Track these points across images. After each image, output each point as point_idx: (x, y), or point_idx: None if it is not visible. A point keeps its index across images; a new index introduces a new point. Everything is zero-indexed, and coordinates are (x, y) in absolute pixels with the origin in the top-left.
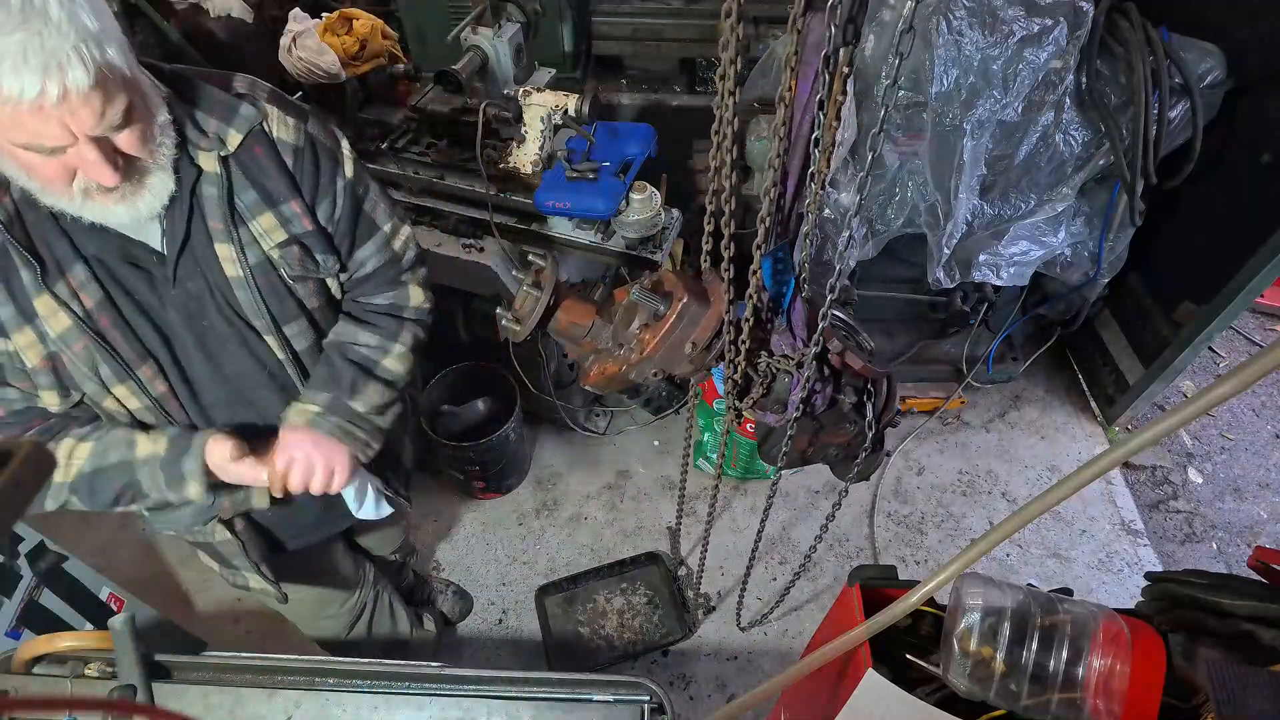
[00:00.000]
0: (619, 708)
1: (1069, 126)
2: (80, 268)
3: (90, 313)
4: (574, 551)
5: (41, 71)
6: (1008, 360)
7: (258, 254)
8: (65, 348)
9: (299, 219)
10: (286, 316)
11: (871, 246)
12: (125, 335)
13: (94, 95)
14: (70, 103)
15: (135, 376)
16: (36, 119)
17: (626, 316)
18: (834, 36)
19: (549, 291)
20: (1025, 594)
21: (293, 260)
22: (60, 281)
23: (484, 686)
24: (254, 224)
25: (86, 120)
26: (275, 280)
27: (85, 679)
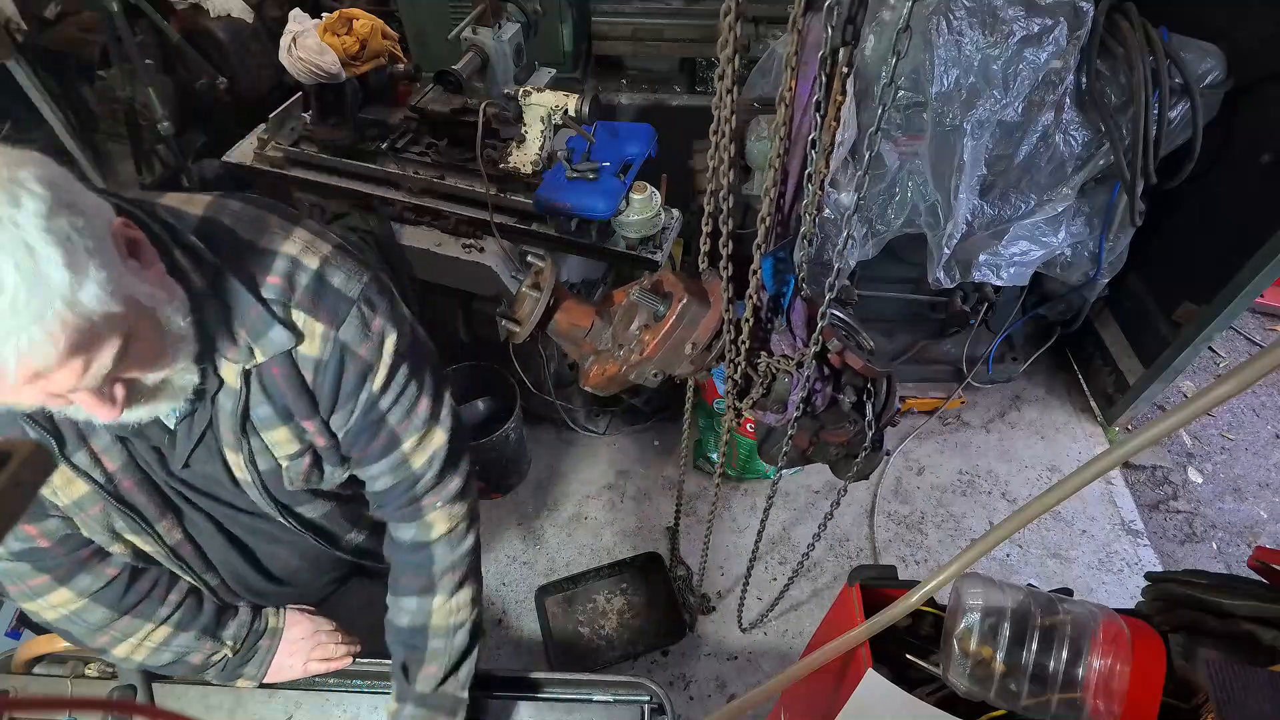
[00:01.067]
0: (619, 708)
1: (1069, 126)
2: (103, 434)
3: (113, 476)
4: (574, 551)
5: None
6: (1008, 360)
7: (268, 461)
8: (79, 512)
9: (313, 435)
10: (298, 502)
11: (871, 246)
12: (149, 494)
13: (71, 360)
14: (44, 378)
15: (154, 530)
16: (11, 395)
17: (626, 317)
18: (832, 37)
19: (548, 292)
20: (1025, 594)
21: (297, 474)
22: (81, 450)
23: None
24: (267, 435)
25: (68, 383)
26: (279, 484)
27: (85, 679)
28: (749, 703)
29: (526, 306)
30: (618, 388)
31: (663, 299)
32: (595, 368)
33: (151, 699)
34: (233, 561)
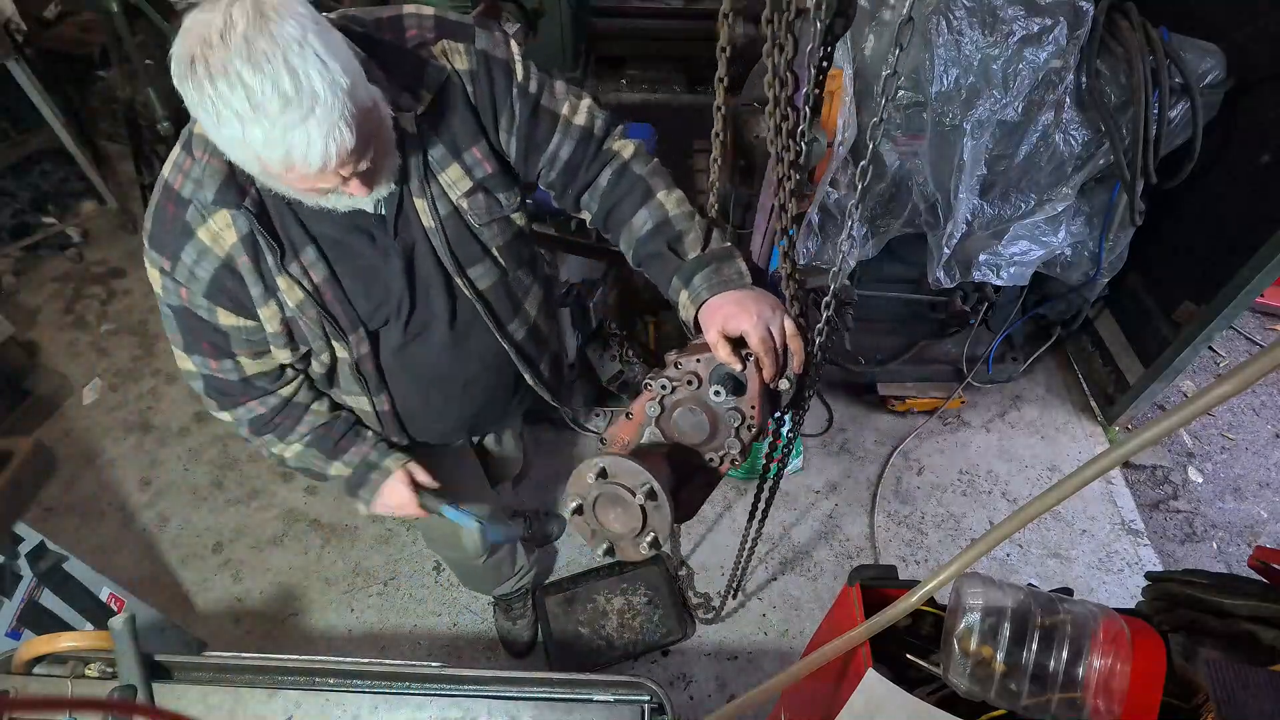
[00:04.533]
0: (619, 708)
1: (1069, 126)
2: (310, 249)
3: (319, 286)
4: (574, 551)
5: (323, 149)
6: (1008, 360)
7: (447, 205)
8: (300, 315)
9: (480, 165)
10: (470, 260)
11: (871, 246)
12: (344, 307)
13: (358, 146)
14: (343, 160)
15: (346, 341)
16: (320, 179)
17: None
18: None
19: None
20: (1025, 594)
21: (479, 208)
22: (295, 262)
23: (484, 686)
24: (443, 176)
25: (352, 166)
26: (461, 228)
27: (85, 679)
28: (749, 703)
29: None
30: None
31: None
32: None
33: (151, 699)
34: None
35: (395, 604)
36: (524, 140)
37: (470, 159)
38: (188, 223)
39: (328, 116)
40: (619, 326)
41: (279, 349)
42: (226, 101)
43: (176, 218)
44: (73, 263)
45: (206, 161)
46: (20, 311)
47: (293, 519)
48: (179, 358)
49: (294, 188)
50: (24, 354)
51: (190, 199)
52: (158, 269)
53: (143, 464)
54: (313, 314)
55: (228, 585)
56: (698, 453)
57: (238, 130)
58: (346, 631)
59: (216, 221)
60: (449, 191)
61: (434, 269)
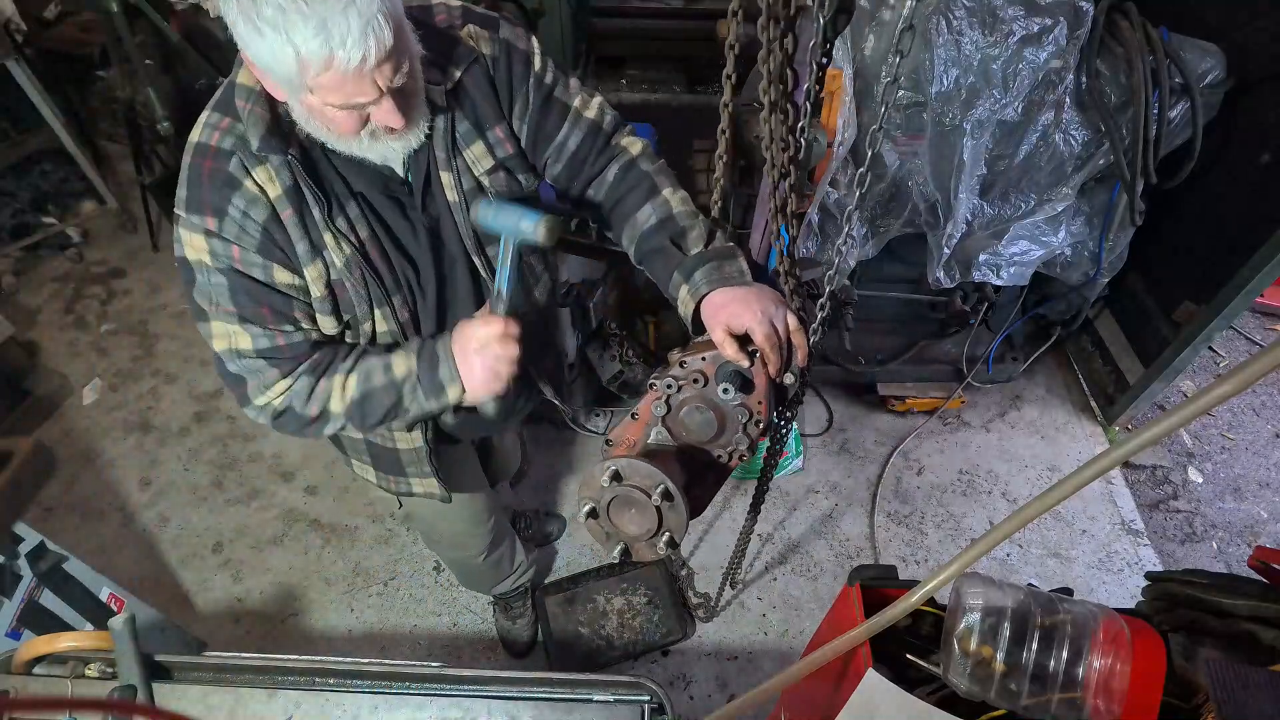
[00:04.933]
0: (619, 708)
1: (1069, 126)
2: (353, 204)
3: (364, 243)
4: (574, 551)
5: (362, 39)
6: (1008, 360)
7: (470, 180)
8: (347, 276)
9: (502, 144)
10: (489, 239)
11: (871, 246)
12: (386, 267)
13: (394, 50)
14: (380, 57)
15: (391, 304)
16: (357, 81)
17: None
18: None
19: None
20: (1025, 594)
21: (500, 186)
22: (341, 216)
23: (484, 686)
24: (468, 152)
25: (389, 75)
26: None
27: (85, 679)
28: (749, 703)
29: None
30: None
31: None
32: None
33: (151, 699)
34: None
35: (395, 604)
36: (534, 127)
37: (493, 137)
38: (231, 174)
39: (368, 7)
40: (619, 326)
41: (324, 316)
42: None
43: (217, 171)
44: (73, 263)
45: (250, 110)
46: (20, 311)
47: (293, 519)
48: (228, 334)
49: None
50: (24, 354)
51: (233, 150)
52: (201, 232)
53: (143, 464)
54: (358, 274)
55: (228, 585)
56: (706, 450)
57: (279, 22)
58: (346, 631)
59: (259, 174)
60: (473, 167)
61: (459, 247)
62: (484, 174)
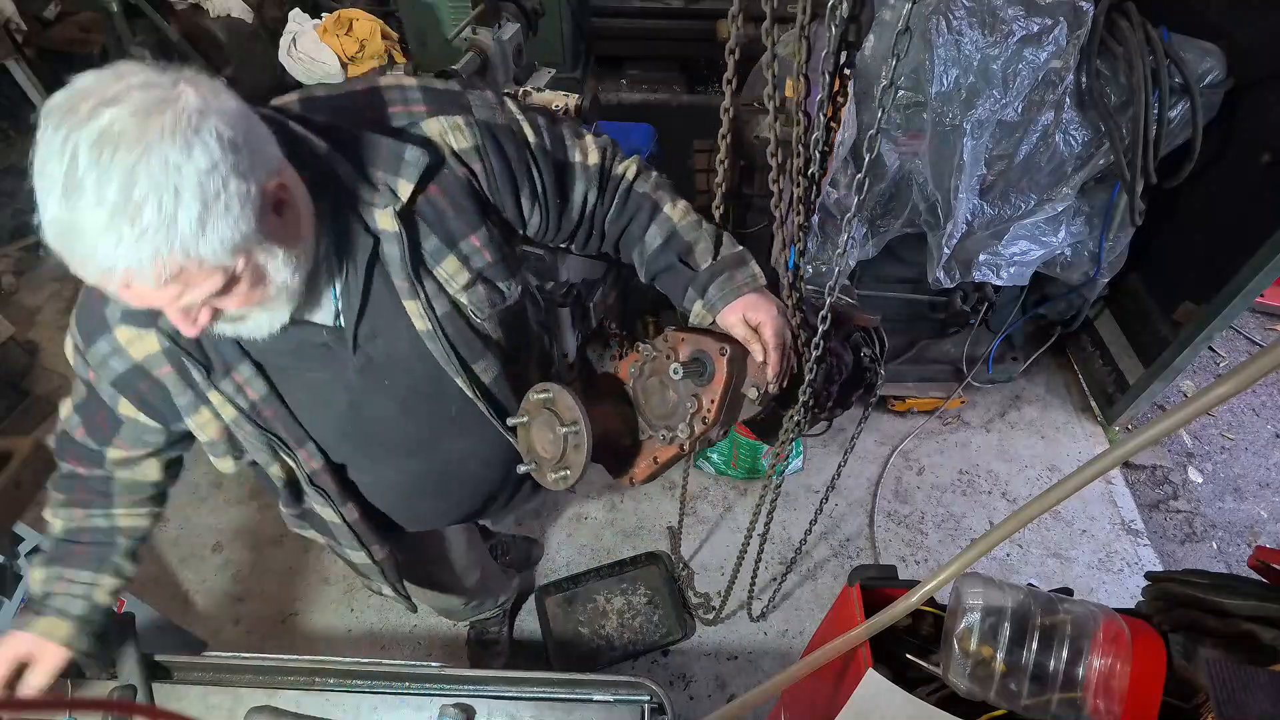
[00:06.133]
0: (619, 708)
1: (1069, 126)
2: (246, 365)
3: (255, 404)
4: (574, 551)
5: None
6: (1008, 360)
7: (444, 303)
8: (238, 429)
9: (479, 253)
10: (474, 356)
11: (871, 246)
12: (287, 424)
13: (167, 287)
14: (135, 290)
15: (295, 457)
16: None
17: (654, 396)
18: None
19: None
20: (1025, 594)
21: (480, 301)
22: (226, 379)
23: (484, 686)
24: (439, 271)
25: (160, 302)
26: (461, 325)
27: (85, 679)
28: (749, 703)
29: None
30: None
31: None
32: (641, 460)
33: (151, 699)
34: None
35: (395, 604)
36: (554, 202)
37: (468, 248)
38: (105, 318)
39: (136, 244)
40: (619, 326)
41: (219, 457)
42: (47, 160)
43: (98, 309)
44: None
45: None
46: (20, 311)
47: None
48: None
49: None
50: (24, 354)
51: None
52: (72, 343)
53: None
54: (249, 429)
55: (228, 585)
56: (651, 425)
57: (40, 195)
58: (346, 631)
59: (129, 330)
60: (447, 286)
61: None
62: (460, 291)
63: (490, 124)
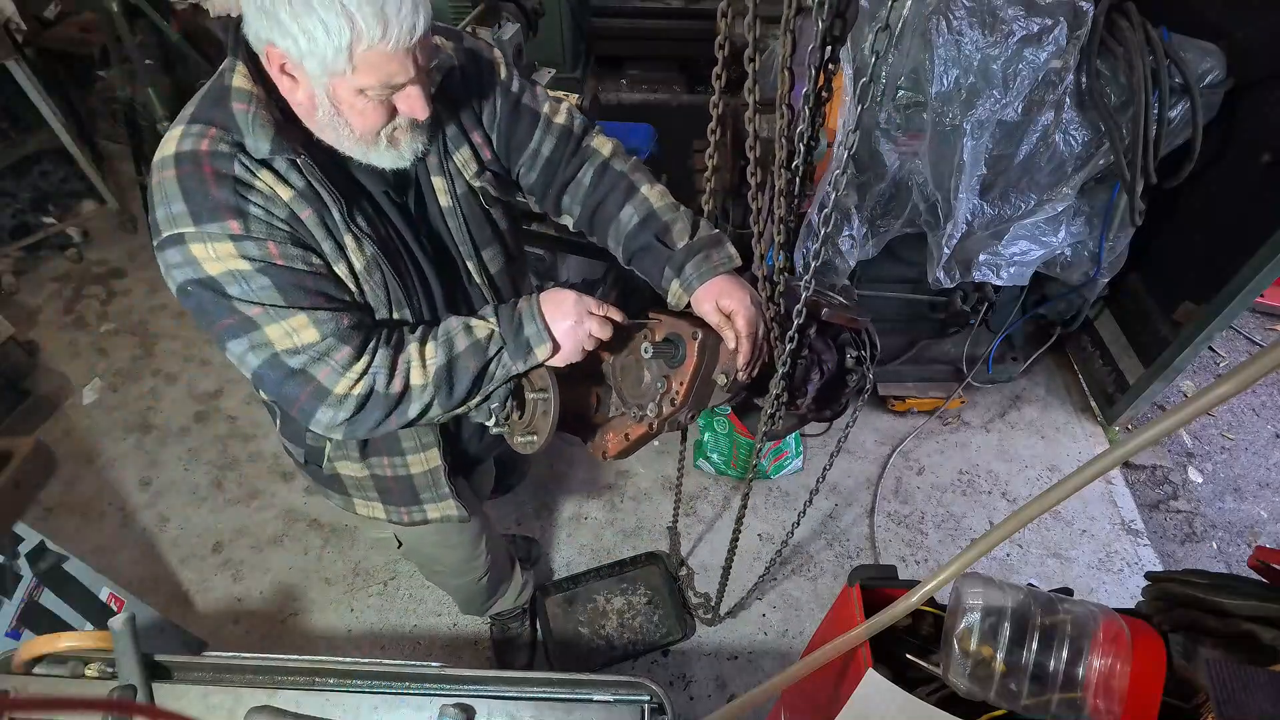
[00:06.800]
0: (619, 708)
1: (1069, 126)
2: (366, 205)
3: (382, 243)
4: (574, 551)
5: (414, 11)
6: (1008, 360)
7: (463, 184)
8: (367, 279)
9: (483, 148)
10: (484, 241)
11: (871, 246)
12: (403, 267)
13: (427, 40)
14: (422, 38)
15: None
16: (401, 58)
17: (630, 375)
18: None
19: (554, 387)
20: (1025, 594)
21: (490, 186)
22: (360, 215)
23: (484, 686)
24: (457, 156)
25: (428, 53)
26: (476, 208)
27: (85, 679)
28: (749, 703)
29: (537, 413)
30: (642, 446)
31: (671, 343)
32: (612, 436)
33: (151, 699)
34: None
35: (395, 604)
36: (505, 135)
37: (477, 140)
38: (239, 176)
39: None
40: None
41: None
42: None
43: (223, 176)
44: (73, 263)
45: (253, 113)
46: (20, 311)
47: (293, 519)
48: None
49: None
50: (24, 354)
51: (232, 154)
52: (226, 239)
53: (143, 464)
54: (378, 276)
55: (228, 585)
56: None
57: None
58: (346, 631)
59: (266, 177)
60: (464, 170)
61: (455, 251)
62: (473, 177)
63: (475, 52)
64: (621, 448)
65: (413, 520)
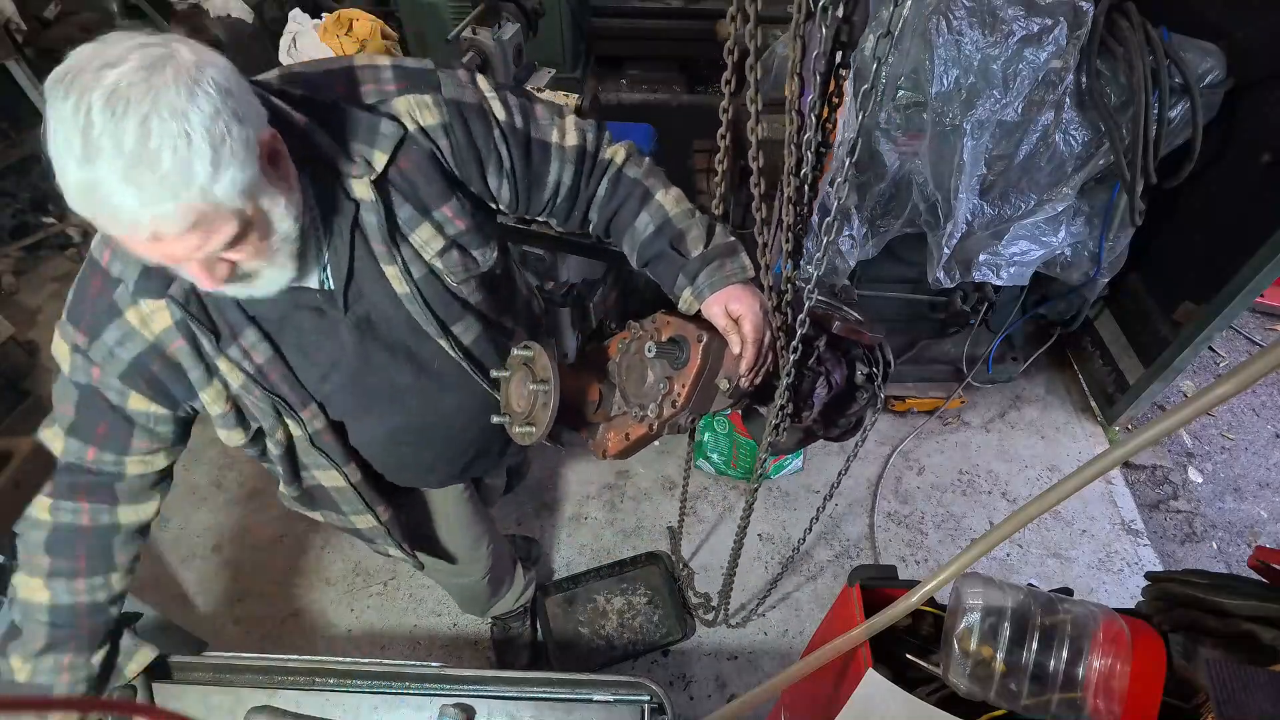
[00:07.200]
0: (619, 708)
1: (1069, 126)
2: (251, 330)
3: (260, 368)
4: (574, 551)
5: (133, 214)
6: (1008, 360)
7: (421, 268)
8: (246, 395)
9: (452, 221)
10: (453, 318)
11: (871, 246)
12: (290, 384)
13: (190, 235)
14: (163, 242)
15: (298, 417)
16: (138, 247)
17: (634, 374)
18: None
19: (556, 381)
20: (1025, 594)
21: (454, 266)
22: (233, 345)
23: (484, 686)
24: (414, 238)
25: (184, 252)
26: (439, 288)
27: None
28: (749, 703)
29: (537, 405)
30: (643, 447)
31: (676, 344)
32: (613, 435)
33: (151, 699)
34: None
35: (395, 604)
36: (522, 179)
37: (440, 217)
38: (115, 302)
39: (155, 193)
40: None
41: (230, 430)
42: (60, 127)
43: (103, 295)
44: (73, 263)
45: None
46: (20, 311)
47: (293, 519)
48: (49, 435)
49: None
50: (24, 354)
51: (120, 278)
52: (69, 344)
53: None
54: (258, 394)
55: (228, 585)
56: (625, 401)
57: (59, 164)
58: (346, 631)
59: (147, 305)
60: (422, 252)
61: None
62: (435, 256)
63: (459, 101)
64: (622, 447)
65: (378, 551)
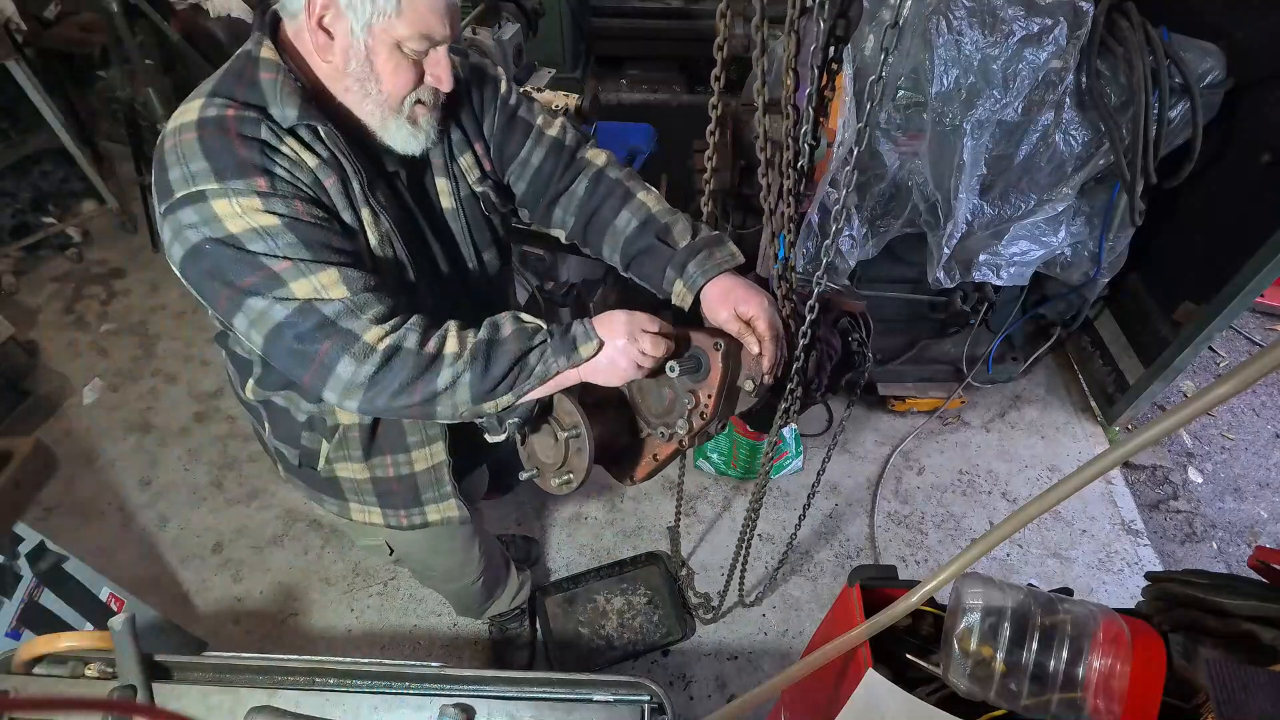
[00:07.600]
0: (619, 708)
1: (1069, 126)
2: (382, 183)
3: (397, 222)
4: (574, 551)
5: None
6: (1008, 360)
7: (466, 188)
8: (381, 254)
9: (483, 160)
10: (484, 244)
11: (871, 246)
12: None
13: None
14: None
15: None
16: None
17: (650, 394)
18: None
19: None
20: (1025, 594)
21: (491, 197)
22: (378, 191)
23: (484, 686)
24: (461, 160)
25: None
26: (478, 211)
27: (85, 679)
28: (749, 703)
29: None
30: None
31: (694, 359)
32: (642, 460)
33: (151, 699)
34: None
35: (395, 604)
36: (498, 145)
37: (479, 150)
38: (265, 139)
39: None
40: None
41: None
42: None
43: (249, 139)
44: (73, 263)
45: (280, 82)
46: (20, 311)
47: (293, 519)
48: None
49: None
50: (24, 354)
51: (259, 120)
52: (253, 194)
53: (143, 464)
54: (390, 253)
55: (228, 585)
56: (649, 422)
57: None
58: (346, 631)
59: (290, 145)
60: (467, 175)
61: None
62: (476, 182)
63: (479, 68)
64: (650, 469)
65: (412, 524)
